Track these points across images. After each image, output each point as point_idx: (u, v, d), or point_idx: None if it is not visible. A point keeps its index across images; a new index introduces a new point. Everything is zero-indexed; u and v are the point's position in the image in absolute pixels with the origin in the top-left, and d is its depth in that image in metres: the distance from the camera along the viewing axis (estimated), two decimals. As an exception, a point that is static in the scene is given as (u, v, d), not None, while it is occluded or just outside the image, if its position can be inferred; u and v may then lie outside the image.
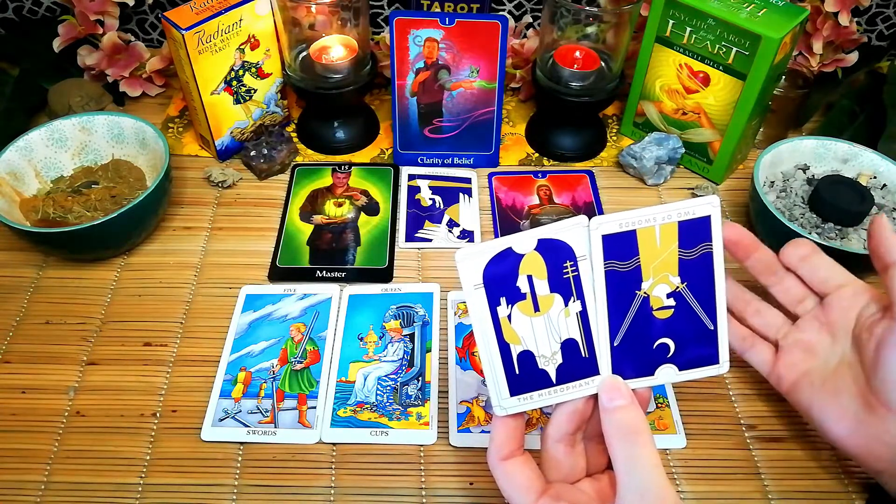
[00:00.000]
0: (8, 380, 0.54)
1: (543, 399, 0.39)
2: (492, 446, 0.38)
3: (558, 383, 0.39)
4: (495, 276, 0.37)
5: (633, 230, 0.38)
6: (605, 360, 0.39)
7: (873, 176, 0.64)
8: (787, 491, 0.48)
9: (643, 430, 0.36)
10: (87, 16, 0.73)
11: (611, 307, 0.38)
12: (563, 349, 0.38)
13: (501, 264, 0.37)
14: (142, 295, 0.60)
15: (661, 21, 0.65)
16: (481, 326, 0.38)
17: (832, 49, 0.74)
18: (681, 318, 0.39)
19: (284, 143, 0.71)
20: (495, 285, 0.37)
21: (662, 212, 0.38)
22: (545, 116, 0.75)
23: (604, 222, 0.37)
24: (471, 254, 0.37)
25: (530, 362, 0.38)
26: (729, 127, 0.66)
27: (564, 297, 0.38)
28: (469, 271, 0.37)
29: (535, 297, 0.38)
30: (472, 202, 0.68)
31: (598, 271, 0.37)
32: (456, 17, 0.62)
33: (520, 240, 0.37)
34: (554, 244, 0.37)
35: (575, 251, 0.38)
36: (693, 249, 0.39)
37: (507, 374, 0.38)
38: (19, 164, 0.62)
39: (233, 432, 0.51)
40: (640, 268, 0.38)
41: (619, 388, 0.37)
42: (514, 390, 0.39)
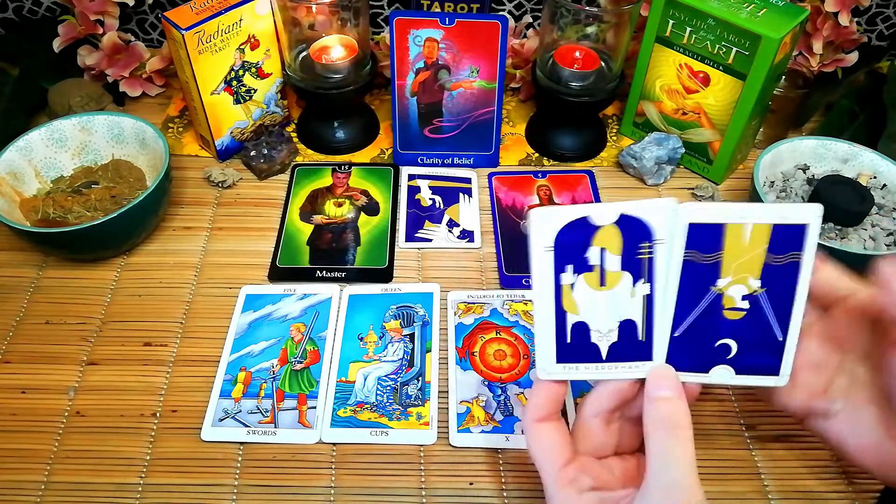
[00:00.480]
0: (8, 380, 0.54)
1: (589, 373, 0.38)
2: (529, 406, 0.37)
3: (608, 360, 0.38)
4: (567, 242, 0.36)
5: (723, 224, 0.36)
6: (662, 347, 0.38)
7: (873, 176, 0.64)
8: (787, 491, 0.48)
9: (685, 425, 0.35)
10: (87, 16, 0.73)
11: (680, 297, 0.37)
12: (621, 328, 0.38)
13: (576, 231, 0.36)
14: (142, 295, 0.60)
15: (661, 21, 0.65)
16: (542, 289, 0.37)
17: (832, 49, 0.74)
18: (751, 322, 0.38)
19: (284, 143, 0.71)
20: (565, 251, 0.36)
21: (759, 210, 0.36)
22: (545, 116, 0.75)
23: (693, 209, 0.36)
24: (547, 214, 0.36)
25: (584, 334, 0.38)
26: (729, 127, 0.66)
27: (634, 277, 0.37)
28: (541, 232, 0.36)
29: (604, 271, 0.37)
30: (472, 202, 0.68)
31: (675, 258, 0.36)
32: (456, 17, 0.62)
33: (600, 211, 0.36)
34: (635, 222, 0.36)
35: (655, 233, 0.36)
36: (782, 256, 0.37)
37: (558, 341, 0.38)
38: (19, 164, 0.62)
39: (233, 432, 0.51)
40: (721, 264, 0.37)
41: (669, 379, 0.36)
42: (561, 357, 0.38)
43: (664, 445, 0.34)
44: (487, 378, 0.54)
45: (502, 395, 0.53)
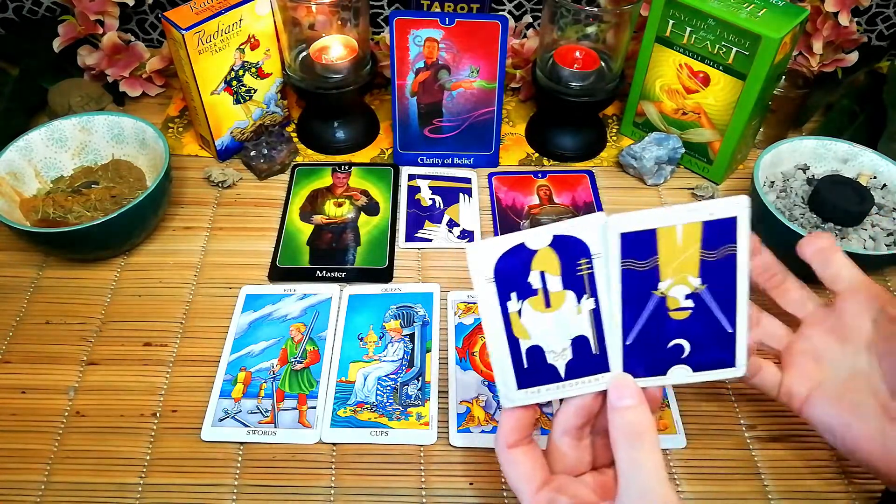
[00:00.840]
0: (8, 380, 0.54)
1: (551, 393, 0.38)
2: (500, 433, 0.38)
3: (567, 378, 0.38)
4: (507, 271, 0.37)
5: (654, 229, 0.37)
6: (617, 357, 0.38)
7: (873, 176, 0.64)
8: (787, 491, 0.48)
9: (649, 432, 0.35)
10: (87, 16, 0.73)
11: (625, 306, 0.38)
12: (574, 345, 0.38)
13: (513, 259, 0.37)
14: (142, 295, 0.60)
15: (661, 21, 0.65)
16: (490, 320, 0.37)
17: (832, 49, 0.74)
18: (698, 319, 0.38)
19: (284, 143, 0.71)
20: (506, 280, 0.37)
21: (686, 211, 0.37)
22: (545, 116, 0.75)
23: (622, 220, 0.36)
24: (483, 247, 0.37)
25: (539, 357, 0.38)
26: (729, 127, 0.66)
27: (577, 294, 0.37)
28: (480, 265, 0.37)
29: (547, 293, 0.37)
30: (472, 202, 0.68)
31: (613, 269, 0.37)
32: (456, 17, 0.62)
33: (533, 236, 0.37)
34: (569, 241, 0.37)
35: (590, 248, 0.37)
36: (716, 251, 0.38)
37: (516, 368, 0.38)
38: (19, 164, 0.62)
39: (233, 432, 0.51)
40: (658, 268, 0.38)
41: (629, 387, 0.37)
42: (521, 383, 0.38)
43: (631, 454, 0.35)
44: (487, 378, 0.54)
45: (502, 395, 0.53)
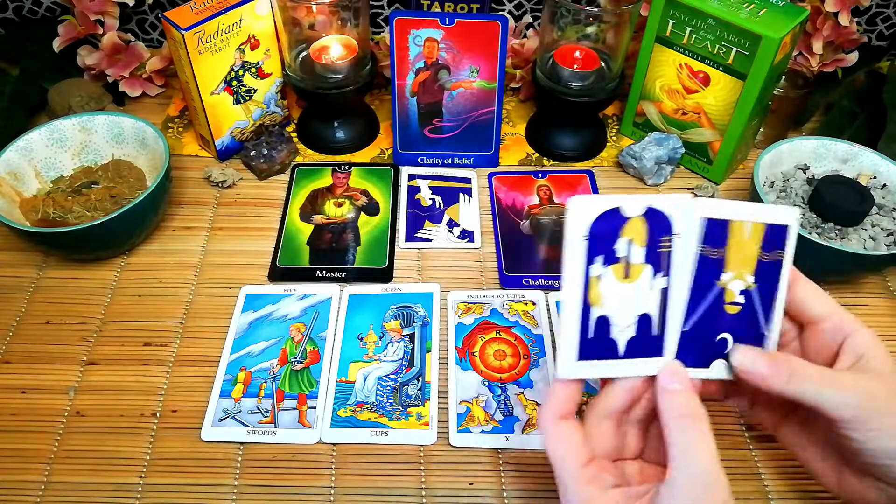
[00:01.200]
0: (8, 380, 0.54)
1: (607, 370, 0.38)
2: (550, 403, 0.37)
3: (624, 357, 0.38)
4: (600, 233, 0.37)
5: (728, 220, 0.38)
6: (672, 343, 0.38)
7: (873, 176, 0.64)
8: (787, 491, 0.48)
9: (702, 416, 0.35)
10: (87, 16, 0.73)
11: (693, 292, 0.38)
12: (639, 323, 0.38)
13: (608, 222, 0.37)
14: (142, 295, 0.60)
15: (661, 21, 0.65)
16: (573, 280, 0.37)
17: (832, 49, 0.74)
18: (744, 317, 0.39)
19: (284, 143, 0.71)
20: (598, 241, 0.37)
21: (758, 209, 0.38)
22: (545, 116, 0.75)
23: (708, 205, 0.38)
24: (585, 203, 0.36)
25: (605, 329, 0.38)
26: (729, 127, 0.66)
27: (655, 269, 0.37)
28: (580, 220, 0.36)
29: (629, 263, 0.37)
30: (472, 202, 0.68)
31: (690, 252, 0.37)
32: (456, 17, 0.62)
33: (631, 202, 0.37)
34: (659, 215, 0.37)
35: (673, 227, 0.37)
36: (770, 253, 0.39)
37: (581, 336, 0.37)
38: (19, 164, 0.62)
39: (233, 432, 0.51)
40: (725, 259, 0.39)
41: (679, 373, 0.37)
42: (582, 354, 0.38)
43: (686, 436, 0.34)
44: (487, 378, 0.54)
45: (502, 395, 0.53)
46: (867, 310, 0.60)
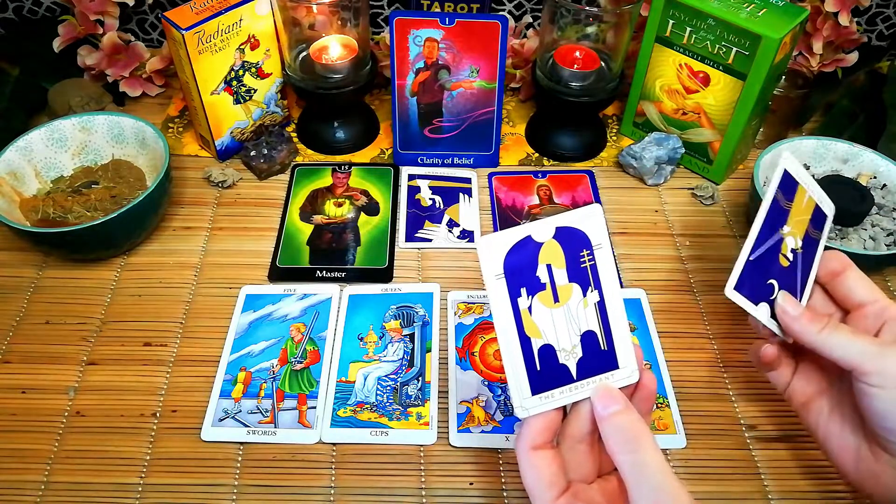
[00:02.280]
0: (8, 380, 0.54)
1: (564, 397, 0.37)
2: (525, 433, 0.37)
3: (578, 379, 0.37)
4: (516, 266, 0.36)
5: (798, 183, 0.45)
6: (624, 352, 0.38)
7: (873, 176, 0.64)
8: (787, 491, 0.48)
9: (643, 434, 0.35)
10: (87, 16, 0.73)
11: (763, 227, 0.43)
12: (583, 342, 0.37)
13: (521, 253, 0.36)
14: (142, 295, 0.60)
15: (661, 21, 0.65)
16: (503, 319, 0.36)
17: (832, 49, 0.74)
18: (790, 273, 0.44)
19: (284, 143, 0.71)
20: (516, 275, 0.36)
21: (815, 189, 0.46)
22: (545, 116, 0.75)
23: (793, 163, 0.44)
24: (492, 241, 0.36)
25: (551, 357, 0.37)
26: (729, 127, 0.66)
27: (582, 287, 0.37)
28: (491, 260, 0.36)
29: (555, 286, 0.37)
30: (472, 202, 0.68)
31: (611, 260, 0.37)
32: (456, 17, 0.62)
33: (538, 228, 0.36)
34: (571, 232, 0.36)
35: (591, 240, 0.37)
36: (814, 231, 0.46)
37: (529, 371, 0.37)
38: (19, 164, 0.62)
39: (233, 432, 0.51)
40: (789, 213, 0.44)
41: (612, 395, 0.36)
42: (535, 388, 0.37)
43: (632, 458, 0.34)
44: (487, 378, 0.54)
45: (502, 395, 0.53)
46: (867, 310, 0.60)
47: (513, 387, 0.37)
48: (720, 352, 0.56)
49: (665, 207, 0.68)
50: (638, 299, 0.59)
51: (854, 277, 0.45)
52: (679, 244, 0.65)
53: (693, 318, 0.59)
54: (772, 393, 0.54)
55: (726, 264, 0.63)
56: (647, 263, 0.63)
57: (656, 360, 0.55)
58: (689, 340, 0.57)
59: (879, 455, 0.41)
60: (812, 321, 0.42)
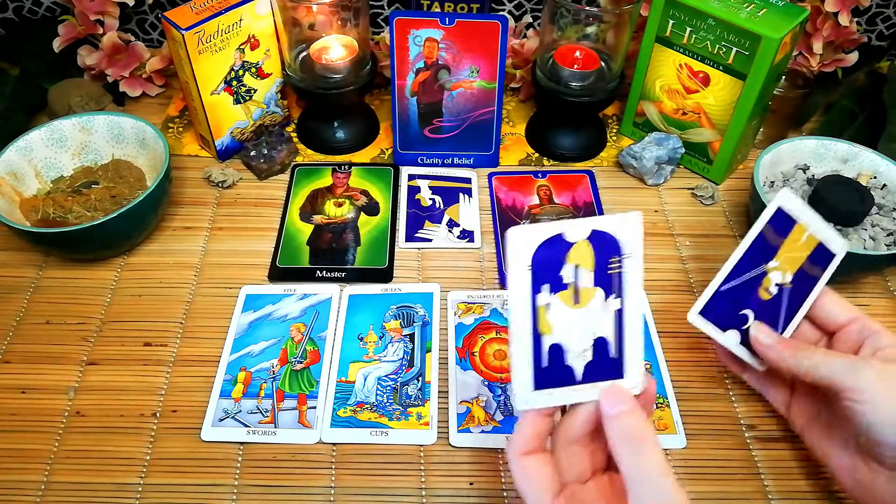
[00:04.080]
0: (8, 380, 0.54)
1: (566, 396, 0.37)
2: (516, 439, 0.37)
3: (583, 381, 0.37)
4: (544, 261, 0.36)
5: (795, 221, 0.45)
6: (633, 364, 0.38)
7: (873, 176, 0.64)
8: (787, 491, 0.48)
9: (648, 435, 0.35)
10: (87, 16, 0.73)
11: (742, 261, 0.44)
12: (595, 347, 0.37)
13: (551, 249, 0.36)
14: (142, 295, 0.60)
15: (661, 21, 0.65)
16: (519, 311, 0.36)
17: (832, 49, 0.74)
18: (770, 307, 0.44)
19: (284, 143, 0.71)
20: (543, 270, 0.36)
21: (821, 226, 0.45)
22: (545, 116, 0.75)
23: (790, 199, 0.45)
24: (525, 233, 0.35)
25: (559, 356, 0.37)
26: (729, 127, 0.66)
27: (606, 292, 0.37)
28: (520, 251, 0.35)
29: (578, 288, 0.36)
30: (472, 202, 0.68)
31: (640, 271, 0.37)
32: (456, 17, 0.62)
33: (573, 227, 0.36)
34: (605, 237, 0.36)
35: (623, 247, 0.36)
36: (812, 267, 0.45)
37: (535, 366, 0.37)
38: (19, 164, 0.62)
39: (233, 432, 0.51)
40: (778, 249, 0.45)
41: (622, 394, 0.36)
42: (539, 384, 0.37)
43: (635, 460, 0.35)
44: (487, 378, 0.54)
45: (502, 395, 0.53)
46: (867, 310, 0.60)
47: (517, 379, 0.37)
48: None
49: (665, 207, 0.68)
50: (638, 299, 0.59)
51: (831, 301, 0.46)
52: (679, 244, 0.65)
53: (693, 318, 0.59)
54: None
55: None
56: (647, 263, 0.62)
57: (656, 360, 0.55)
58: (689, 340, 0.57)
59: (873, 467, 0.42)
60: (786, 348, 0.43)
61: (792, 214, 0.45)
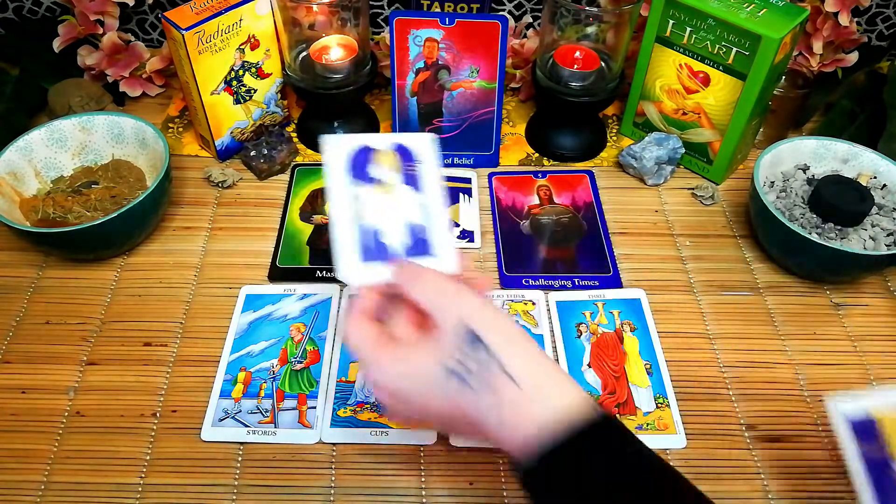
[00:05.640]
0: (8, 380, 0.54)
1: (388, 271, 0.42)
2: (357, 305, 0.41)
3: (405, 256, 0.43)
4: (357, 162, 0.45)
5: (873, 421, 0.42)
6: (442, 244, 0.43)
7: (873, 176, 0.64)
8: (787, 491, 0.48)
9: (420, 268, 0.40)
10: (87, 16, 0.73)
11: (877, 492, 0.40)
12: (410, 232, 0.44)
13: (362, 155, 0.46)
14: (142, 295, 0.60)
15: (661, 21, 0.65)
16: (339, 202, 0.44)
17: (832, 49, 0.74)
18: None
19: (284, 143, 0.71)
20: (355, 169, 0.45)
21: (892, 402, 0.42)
22: (545, 116, 0.75)
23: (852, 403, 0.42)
24: (339, 139, 0.46)
25: (378, 237, 0.43)
26: (729, 127, 0.66)
27: (412, 188, 0.45)
28: (337, 153, 0.45)
29: (387, 182, 0.45)
30: (472, 202, 0.68)
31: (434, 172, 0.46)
32: (456, 17, 0.62)
33: (378, 139, 0.46)
34: (403, 148, 0.46)
35: (417, 156, 0.46)
36: None
37: (358, 245, 0.43)
38: (19, 164, 0.62)
39: (233, 432, 0.51)
40: (886, 444, 0.41)
41: (409, 267, 0.40)
42: (364, 257, 0.43)
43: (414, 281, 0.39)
44: (487, 378, 0.54)
45: (502, 395, 0.53)
46: (867, 310, 0.60)
47: (341, 254, 0.42)
48: (720, 352, 0.56)
49: (665, 207, 0.68)
50: (638, 299, 0.59)
51: None
52: (679, 244, 0.65)
53: (693, 318, 0.59)
54: (772, 393, 0.54)
55: (726, 264, 0.63)
56: (647, 263, 0.63)
57: (656, 360, 0.55)
58: (689, 340, 0.57)
59: None
60: None
61: (868, 415, 0.41)
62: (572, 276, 0.61)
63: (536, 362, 0.36)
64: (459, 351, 0.36)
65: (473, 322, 0.36)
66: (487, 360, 0.35)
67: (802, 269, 0.61)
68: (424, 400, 0.37)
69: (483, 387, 0.35)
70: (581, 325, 0.58)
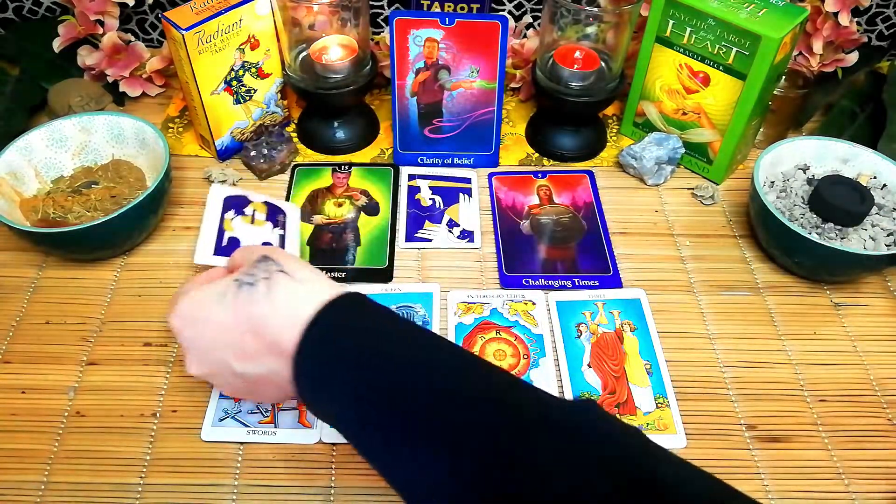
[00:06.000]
0: (8, 380, 0.54)
1: None
2: (203, 275, 0.47)
3: None
4: (233, 202, 0.57)
5: None
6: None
7: (873, 176, 0.64)
8: (787, 491, 0.48)
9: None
10: (87, 16, 0.73)
11: None
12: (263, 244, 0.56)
13: (239, 198, 0.58)
14: (142, 295, 0.60)
15: (661, 21, 0.65)
16: (211, 218, 0.56)
17: (832, 49, 0.74)
18: None
19: (284, 143, 0.71)
20: (231, 204, 0.57)
21: None
22: (545, 116, 0.75)
23: None
24: (222, 189, 0.58)
25: (235, 244, 0.55)
26: (729, 127, 0.66)
27: (273, 225, 0.58)
28: (218, 195, 0.57)
29: (255, 218, 0.58)
30: (472, 202, 0.68)
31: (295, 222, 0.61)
32: (456, 17, 0.62)
33: (254, 196, 0.59)
34: (273, 206, 0.60)
35: (283, 210, 0.60)
36: None
37: (216, 244, 0.55)
38: (19, 164, 0.62)
39: (233, 432, 0.51)
40: None
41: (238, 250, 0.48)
42: (216, 252, 0.54)
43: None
44: (487, 378, 0.54)
45: (502, 395, 0.53)
46: (867, 310, 0.60)
47: (201, 245, 0.54)
48: (720, 352, 0.56)
49: (665, 207, 0.68)
50: (638, 299, 0.59)
51: None
52: (679, 244, 0.65)
53: (693, 318, 0.59)
54: (772, 393, 0.54)
55: (726, 264, 0.63)
56: (647, 263, 0.63)
57: (656, 360, 0.55)
58: (689, 340, 0.57)
59: None
60: None
61: None
62: (572, 276, 0.61)
63: (312, 271, 0.42)
64: (250, 266, 0.41)
65: (269, 254, 0.42)
66: (270, 265, 0.41)
67: (802, 269, 0.61)
68: (209, 313, 0.41)
69: (262, 282, 0.40)
70: (581, 325, 0.58)
